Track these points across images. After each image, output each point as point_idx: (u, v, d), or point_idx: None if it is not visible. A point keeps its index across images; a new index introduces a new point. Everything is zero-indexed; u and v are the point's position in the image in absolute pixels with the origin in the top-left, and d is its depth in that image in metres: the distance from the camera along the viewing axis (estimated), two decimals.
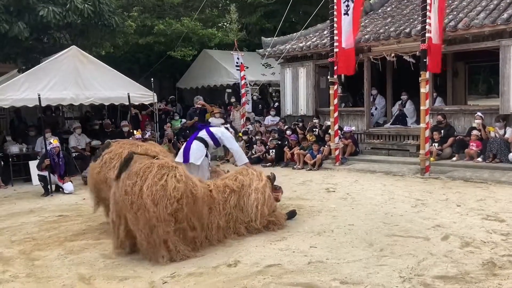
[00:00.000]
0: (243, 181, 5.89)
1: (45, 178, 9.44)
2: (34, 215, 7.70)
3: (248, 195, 5.83)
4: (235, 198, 5.80)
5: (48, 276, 4.80)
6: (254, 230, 5.93)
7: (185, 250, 5.12)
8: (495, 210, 6.78)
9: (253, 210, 5.79)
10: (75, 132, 12.33)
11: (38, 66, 11.10)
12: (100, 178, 6.29)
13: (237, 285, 4.39)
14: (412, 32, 11.08)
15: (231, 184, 5.82)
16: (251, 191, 5.84)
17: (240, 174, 6.00)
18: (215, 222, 5.56)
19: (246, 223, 5.86)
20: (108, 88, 11.42)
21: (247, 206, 5.81)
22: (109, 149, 6.47)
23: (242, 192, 5.84)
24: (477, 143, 10.04)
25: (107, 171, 6.21)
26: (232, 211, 5.79)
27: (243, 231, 5.85)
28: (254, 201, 5.80)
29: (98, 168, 6.33)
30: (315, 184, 9.50)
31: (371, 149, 12.34)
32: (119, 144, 6.62)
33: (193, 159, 6.51)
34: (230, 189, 5.78)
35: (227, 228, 5.69)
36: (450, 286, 4.16)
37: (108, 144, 6.61)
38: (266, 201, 5.89)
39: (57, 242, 6.00)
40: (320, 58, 13.50)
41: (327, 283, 4.34)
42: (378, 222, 6.34)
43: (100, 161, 6.34)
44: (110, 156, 6.35)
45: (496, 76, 34.40)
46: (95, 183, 6.42)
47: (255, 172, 6.18)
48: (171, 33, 16.89)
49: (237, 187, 5.83)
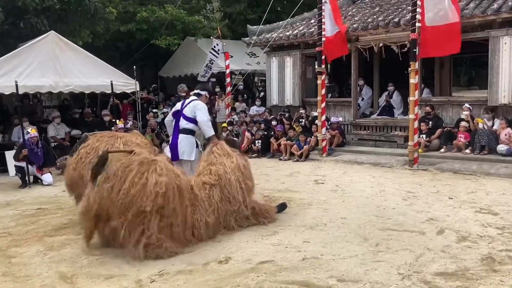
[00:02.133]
0: (217, 171, 5.60)
1: (22, 169, 9.02)
2: (11, 208, 7.32)
3: (228, 182, 5.57)
4: (217, 191, 5.52)
5: (26, 275, 4.49)
6: (244, 221, 5.71)
7: (172, 246, 4.87)
8: (487, 203, 6.70)
9: (239, 193, 5.58)
10: (54, 122, 11.88)
11: (14, 51, 10.58)
12: (75, 174, 5.95)
13: (229, 283, 4.16)
14: (401, 21, 10.92)
15: (208, 180, 5.52)
16: (229, 176, 5.59)
17: (211, 165, 5.69)
18: (203, 220, 5.29)
19: (236, 212, 5.62)
20: (89, 75, 11.00)
21: (233, 193, 5.57)
22: (85, 143, 6.13)
23: (222, 182, 5.56)
24: (465, 135, 9.98)
25: (82, 167, 5.86)
26: (220, 205, 5.52)
27: (233, 223, 5.62)
28: (235, 182, 5.58)
29: (74, 164, 5.99)
30: (303, 175, 9.32)
31: (358, 140, 12.22)
32: (96, 137, 6.26)
33: (186, 155, 6.22)
34: (210, 185, 5.50)
35: (217, 224, 5.45)
36: (452, 283, 4.01)
37: (85, 138, 6.23)
38: (244, 174, 5.70)
39: (36, 238, 5.67)
40: (307, 47, 13.27)
41: (324, 281, 4.14)
42: (370, 216, 6.18)
43: (76, 156, 5.99)
44: (86, 150, 6.00)
45: (477, 68, 34.70)
46: (71, 178, 6.08)
47: (219, 150, 5.87)
48: (154, 21, 16.39)
49: (215, 180, 5.54)
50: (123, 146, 5.95)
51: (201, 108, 6.42)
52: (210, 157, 5.88)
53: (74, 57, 10.88)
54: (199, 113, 6.34)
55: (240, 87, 15.37)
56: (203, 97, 6.58)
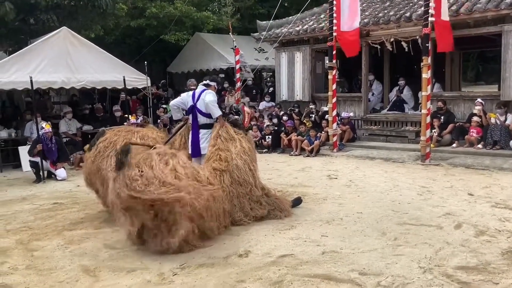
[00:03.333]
0: (226, 158, 5.69)
1: (37, 164, 9.09)
2: (28, 203, 7.38)
3: (236, 166, 5.65)
4: (227, 176, 5.61)
5: (49, 268, 4.53)
6: (258, 207, 5.77)
7: (193, 240, 4.91)
8: (503, 197, 6.70)
9: (249, 174, 5.64)
10: (66, 117, 11.93)
11: (27, 47, 10.63)
12: (93, 168, 6.01)
13: (251, 276, 4.19)
14: (412, 16, 10.87)
15: (218, 166, 5.62)
16: (237, 161, 5.67)
17: (220, 151, 5.77)
18: (221, 208, 5.36)
19: (248, 194, 5.69)
20: (101, 71, 11.02)
21: (242, 176, 5.64)
22: (103, 137, 6.18)
23: (230, 167, 5.64)
24: (477, 130, 9.95)
25: (101, 160, 5.93)
26: (232, 189, 5.62)
27: (247, 207, 5.69)
28: (244, 165, 5.65)
29: (92, 158, 6.04)
30: (315, 170, 9.33)
31: (368, 135, 12.21)
32: (113, 131, 6.32)
33: (206, 150, 6.23)
34: (220, 171, 5.59)
35: (233, 208, 5.54)
36: (474, 277, 4.03)
37: (103, 132, 6.30)
38: (250, 156, 5.76)
39: (55, 232, 5.72)
40: (317, 42, 13.24)
41: (346, 274, 4.17)
42: (387, 210, 6.19)
43: (94, 150, 6.04)
44: (104, 144, 6.05)
45: (484, 63, 34.41)
46: (89, 173, 6.14)
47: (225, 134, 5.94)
48: (163, 16, 16.40)
49: (225, 166, 5.64)
50: (139, 140, 6.00)
51: (209, 92, 6.36)
52: (217, 142, 5.95)
53: (86, 53, 10.91)
54: (208, 96, 6.28)
55: (249, 82, 15.35)
56: (212, 87, 6.51)
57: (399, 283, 3.95)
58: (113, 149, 5.84)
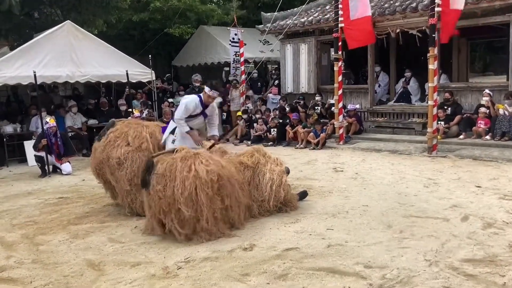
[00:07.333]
0: (259, 159, 5.74)
1: (42, 159, 9.10)
2: (33, 197, 7.40)
3: (263, 174, 5.65)
4: (249, 174, 5.66)
5: (55, 262, 4.54)
6: (265, 212, 5.73)
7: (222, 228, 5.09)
8: (511, 189, 6.61)
9: (267, 190, 5.58)
10: (71, 111, 11.94)
11: (31, 41, 10.62)
12: (102, 157, 6.01)
13: (256, 270, 4.17)
14: (419, 6, 10.73)
15: (246, 161, 5.69)
16: (266, 170, 5.65)
17: (257, 152, 5.81)
18: (244, 202, 5.40)
19: (260, 201, 5.66)
20: (105, 65, 11.02)
21: (262, 185, 5.62)
22: (114, 128, 6.19)
23: (257, 169, 5.67)
24: (485, 121, 9.84)
25: (111, 149, 5.97)
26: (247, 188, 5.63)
27: (255, 209, 5.66)
28: (268, 180, 5.60)
29: (102, 147, 6.06)
30: (321, 163, 9.28)
31: (375, 128, 12.12)
32: (124, 123, 6.35)
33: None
34: (245, 165, 5.65)
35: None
36: (481, 270, 3.98)
37: (113, 123, 6.32)
38: (283, 184, 5.69)
39: (60, 226, 5.73)
40: (322, 34, 13.14)
41: (351, 267, 4.13)
42: (393, 203, 6.14)
43: (104, 140, 6.06)
44: (115, 135, 6.07)
45: (492, 54, 34.13)
46: (98, 162, 6.14)
47: (272, 156, 6.01)
48: (167, 10, 16.32)
49: (252, 163, 5.69)
50: (149, 137, 6.04)
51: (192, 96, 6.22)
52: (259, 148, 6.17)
53: (90, 47, 10.89)
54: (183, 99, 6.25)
55: (255, 75, 15.28)
56: (203, 92, 6.21)
57: (404, 276, 3.91)
58: (124, 139, 5.96)
